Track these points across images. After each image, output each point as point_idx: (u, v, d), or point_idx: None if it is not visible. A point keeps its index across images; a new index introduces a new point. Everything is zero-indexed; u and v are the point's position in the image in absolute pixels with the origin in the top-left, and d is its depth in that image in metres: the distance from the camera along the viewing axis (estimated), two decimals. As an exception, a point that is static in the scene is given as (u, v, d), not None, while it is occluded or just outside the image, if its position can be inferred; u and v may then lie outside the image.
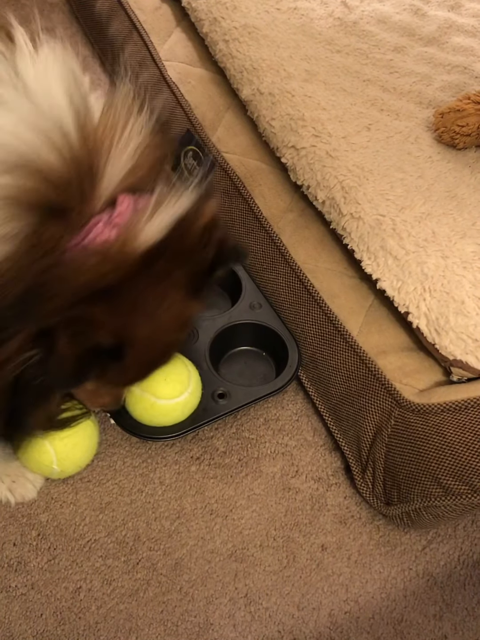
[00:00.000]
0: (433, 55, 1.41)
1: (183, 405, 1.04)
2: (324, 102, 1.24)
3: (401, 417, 0.99)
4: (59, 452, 0.97)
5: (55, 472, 1.00)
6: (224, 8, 1.39)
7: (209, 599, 0.97)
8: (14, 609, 0.94)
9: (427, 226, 1.07)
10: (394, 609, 0.99)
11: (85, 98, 0.70)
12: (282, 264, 1.18)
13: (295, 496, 1.06)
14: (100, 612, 0.95)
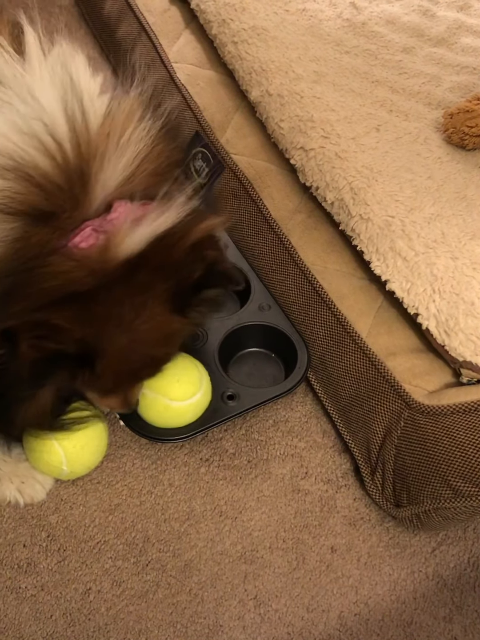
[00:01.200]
0: (442, 56, 1.41)
1: (196, 406, 1.04)
2: (333, 103, 1.24)
3: (411, 419, 0.99)
4: (68, 453, 0.97)
5: (64, 473, 1.00)
6: (232, 10, 1.39)
7: (218, 600, 0.97)
8: (24, 610, 0.94)
9: (436, 227, 1.07)
10: (403, 611, 0.99)
11: (82, 104, 0.69)
12: (291, 265, 1.18)
13: (305, 498, 1.06)
14: (109, 614, 0.95)
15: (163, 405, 1.02)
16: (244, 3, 1.41)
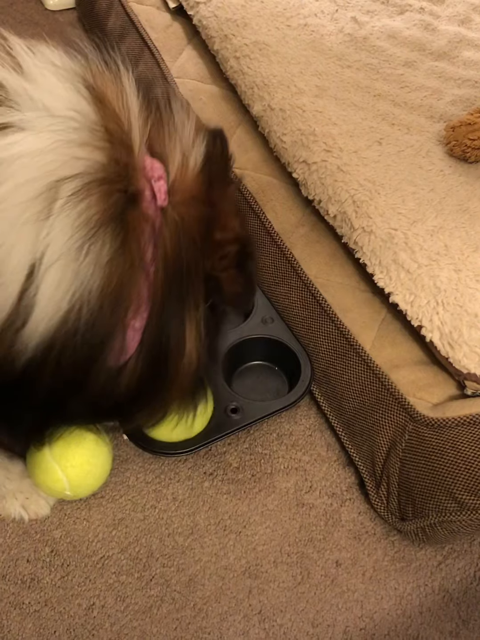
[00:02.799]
0: (444, 70, 1.42)
1: (200, 416, 1.03)
2: (335, 117, 1.24)
3: (415, 432, 0.99)
4: (72, 479, 0.97)
5: (68, 497, 1.01)
6: (234, 25, 1.40)
7: (222, 615, 0.96)
8: (27, 626, 0.93)
9: (439, 239, 1.07)
10: (409, 625, 0.98)
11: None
12: (294, 278, 1.18)
13: (309, 512, 1.06)
14: (113, 629, 0.94)
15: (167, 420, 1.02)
16: (245, 19, 1.42)
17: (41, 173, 0.60)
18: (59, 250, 0.61)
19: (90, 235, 0.62)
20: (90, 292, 0.63)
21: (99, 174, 0.63)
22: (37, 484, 1.00)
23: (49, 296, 0.62)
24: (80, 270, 0.62)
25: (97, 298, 0.64)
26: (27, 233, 0.60)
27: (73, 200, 0.61)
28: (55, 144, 0.61)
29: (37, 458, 0.98)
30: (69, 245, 0.61)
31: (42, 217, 0.60)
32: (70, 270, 0.62)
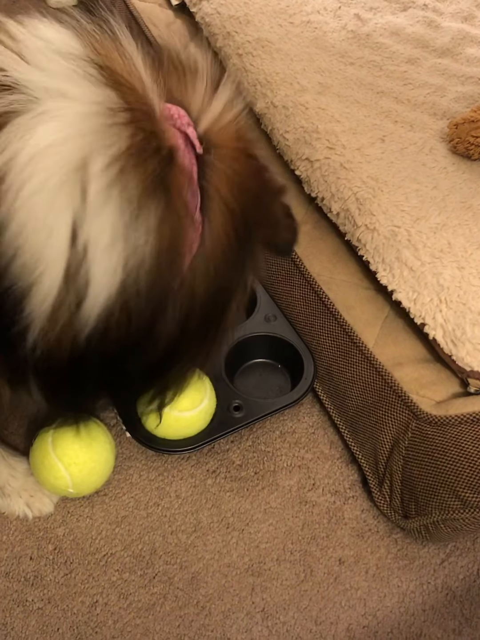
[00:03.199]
0: (447, 67, 1.41)
1: (205, 413, 1.04)
2: (338, 115, 1.24)
3: (418, 429, 0.98)
4: (75, 477, 0.98)
5: (71, 494, 1.01)
6: (237, 22, 1.40)
7: (225, 613, 0.96)
8: (30, 624, 0.94)
9: (442, 237, 1.07)
10: (412, 623, 0.98)
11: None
12: (297, 275, 1.18)
13: (312, 509, 1.06)
14: (116, 627, 0.94)
15: (174, 418, 1.02)
16: (248, 16, 1.42)
17: (73, 159, 0.60)
18: (105, 227, 0.62)
19: (135, 207, 0.62)
20: (144, 257, 0.64)
21: (130, 147, 0.63)
22: (40, 482, 1.00)
23: (103, 271, 0.63)
24: (130, 239, 0.63)
25: (152, 259, 0.64)
26: (66, 216, 0.61)
27: (110, 178, 0.61)
28: (79, 128, 0.61)
29: (40, 456, 0.98)
30: (116, 220, 0.62)
31: (80, 199, 0.61)
32: (120, 242, 0.62)
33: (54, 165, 0.60)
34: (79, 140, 0.61)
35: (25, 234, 0.60)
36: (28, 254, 0.60)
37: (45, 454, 0.97)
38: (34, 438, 1.01)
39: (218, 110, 0.71)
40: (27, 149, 0.59)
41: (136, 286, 0.65)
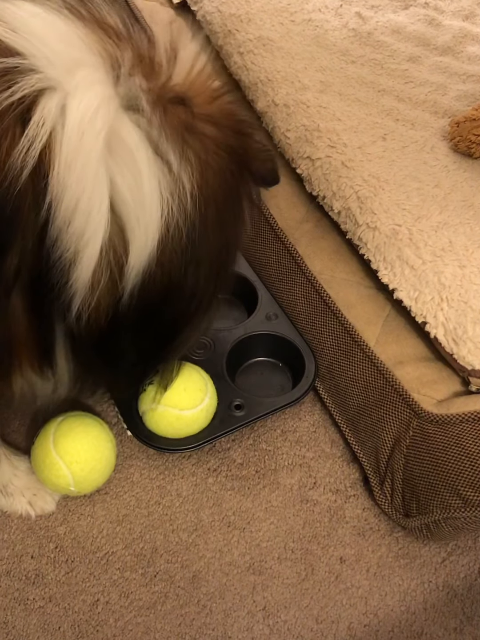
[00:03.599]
0: (448, 65, 1.41)
1: (206, 411, 1.04)
2: (339, 113, 1.24)
3: (419, 428, 0.98)
4: (76, 475, 0.98)
5: (72, 493, 1.01)
6: (238, 20, 1.40)
7: (227, 611, 0.96)
8: (31, 622, 0.94)
9: (443, 235, 1.07)
10: (413, 622, 0.98)
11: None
12: (298, 274, 1.17)
13: (313, 508, 1.06)
14: (118, 625, 0.94)
15: (174, 417, 1.02)
16: (249, 14, 1.42)
17: (106, 125, 0.63)
18: (141, 185, 0.65)
19: (166, 160, 0.66)
20: (179, 210, 0.67)
21: (142, 101, 0.66)
22: (41, 480, 1.00)
23: (143, 230, 0.66)
24: (164, 194, 0.66)
25: (185, 212, 0.68)
26: (106, 180, 0.64)
27: (140, 136, 0.65)
28: (103, 96, 0.64)
29: (41, 454, 0.98)
30: (150, 177, 0.65)
31: (116, 161, 0.64)
32: (156, 198, 0.66)
33: (93, 134, 0.63)
34: (106, 107, 0.64)
35: (76, 201, 0.62)
36: (78, 220, 0.63)
37: (46, 452, 0.97)
38: (36, 437, 1.01)
39: (187, 65, 0.74)
40: (68, 120, 0.62)
41: (171, 240, 0.68)
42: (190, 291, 0.76)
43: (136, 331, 0.75)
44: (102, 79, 0.65)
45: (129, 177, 0.64)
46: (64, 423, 1.00)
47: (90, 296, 0.67)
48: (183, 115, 0.69)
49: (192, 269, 0.73)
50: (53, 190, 0.62)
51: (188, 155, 0.68)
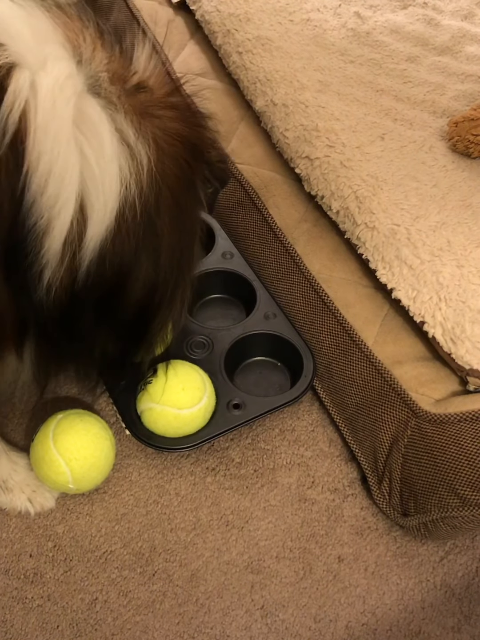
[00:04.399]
0: (447, 65, 1.41)
1: (204, 410, 1.04)
2: (338, 113, 1.24)
3: (417, 427, 0.99)
4: (75, 472, 0.98)
5: (71, 490, 1.01)
6: (237, 20, 1.40)
7: (225, 610, 0.97)
8: (30, 621, 0.94)
9: (442, 235, 1.07)
10: (411, 621, 0.98)
11: None
12: (297, 274, 1.18)
13: (312, 507, 1.06)
14: (116, 624, 0.94)
15: (173, 416, 1.02)
16: (248, 14, 1.42)
17: (74, 96, 0.66)
18: (106, 159, 0.68)
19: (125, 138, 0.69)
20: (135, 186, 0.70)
21: (104, 82, 0.69)
22: (40, 477, 1.00)
23: (102, 202, 0.68)
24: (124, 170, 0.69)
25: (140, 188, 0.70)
26: (76, 150, 0.66)
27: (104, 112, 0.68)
28: (69, 71, 0.67)
29: (41, 451, 0.98)
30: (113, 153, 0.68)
31: (84, 132, 0.66)
32: (116, 172, 0.68)
33: (63, 102, 0.65)
34: (72, 80, 0.67)
35: (50, 166, 0.64)
36: (52, 187, 0.65)
37: (46, 449, 0.97)
38: (35, 434, 1.01)
39: (149, 59, 0.77)
40: (40, 91, 0.64)
41: (126, 217, 0.70)
42: (149, 280, 0.77)
43: (98, 313, 0.77)
44: (66, 57, 0.68)
45: (94, 149, 0.67)
46: (64, 420, 1.00)
47: (59, 268, 0.69)
48: (143, 99, 0.72)
49: (146, 255, 0.75)
50: (30, 156, 0.64)
51: (147, 136, 0.70)
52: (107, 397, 1.12)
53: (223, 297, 1.26)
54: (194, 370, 1.06)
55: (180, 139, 0.74)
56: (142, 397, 1.04)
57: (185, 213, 0.78)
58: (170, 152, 0.73)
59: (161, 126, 0.72)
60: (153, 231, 0.73)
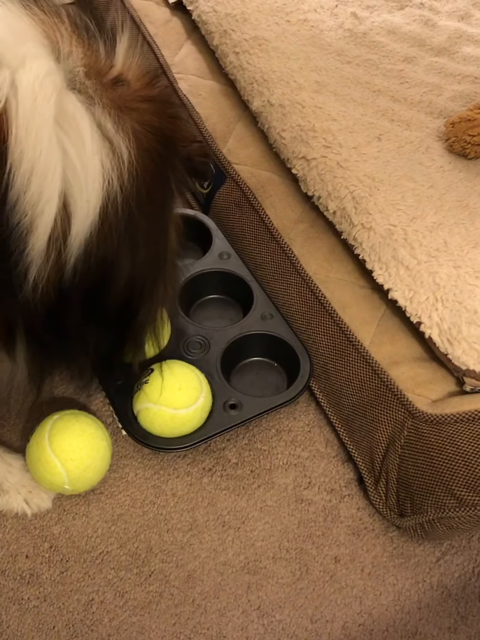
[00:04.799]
0: (444, 66, 1.41)
1: (201, 410, 1.04)
2: (335, 113, 1.24)
3: (414, 428, 0.99)
4: (71, 473, 0.97)
5: (67, 491, 1.01)
6: (234, 20, 1.40)
7: (221, 611, 0.97)
8: (26, 622, 0.94)
9: (438, 236, 1.07)
10: (408, 621, 0.98)
11: None
12: (294, 274, 1.18)
13: (308, 508, 1.06)
14: (112, 625, 0.94)
15: (169, 416, 1.02)
16: (245, 14, 1.41)
17: (54, 93, 0.66)
18: (88, 155, 0.68)
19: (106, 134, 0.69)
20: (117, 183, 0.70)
21: (82, 77, 0.70)
22: (36, 478, 1.00)
23: (85, 199, 0.68)
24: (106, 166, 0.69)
25: (122, 184, 0.71)
26: (58, 147, 0.66)
27: (84, 107, 0.68)
28: (48, 69, 0.67)
29: (36, 452, 0.98)
30: (95, 150, 0.68)
31: (64, 129, 0.66)
32: (98, 167, 0.69)
33: (44, 99, 0.65)
34: (52, 77, 0.67)
35: (33, 164, 0.64)
36: (35, 185, 0.65)
37: (42, 449, 0.97)
38: (31, 434, 1.01)
39: (126, 54, 0.78)
40: (20, 89, 0.64)
41: (108, 212, 0.70)
42: (130, 274, 0.77)
43: (84, 310, 0.77)
44: (44, 55, 0.68)
45: (75, 146, 0.67)
46: (60, 421, 1.00)
47: (44, 266, 0.69)
48: (121, 92, 0.73)
49: (126, 248, 0.75)
50: (12, 155, 0.64)
51: (126, 130, 0.70)
52: (103, 397, 1.12)
53: (220, 297, 1.26)
54: (191, 371, 1.06)
55: (154, 131, 0.74)
56: (139, 397, 1.04)
57: (159, 207, 0.79)
58: (145, 144, 0.73)
59: (139, 119, 0.73)
60: (133, 225, 0.74)
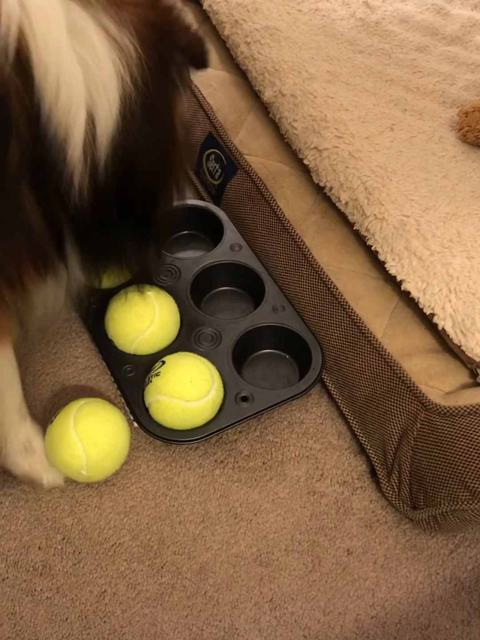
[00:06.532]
0: (456, 54, 1.40)
1: (212, 403, 1.04)
2: (347, 103, 1.23)
3: (427, 420, 0.98)
4: (91, 458, 0.97)
5: (82, 477, 1.00)
6: (245, 10, 1.39)
7: (234, 603, 0.97)
8: (39, 613, 0.94)
9: (452, 226, 1.06)
10: (420, 614, 0.98)
11: None
12: (305, 266, 1.17)
13: (320, 500, 1.06)
14: (125, 616, 0.95)
15: (180, 408, 1.02)
16: (256, 3, 1.41)
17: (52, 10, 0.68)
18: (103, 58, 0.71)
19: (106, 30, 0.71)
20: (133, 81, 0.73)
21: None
22: (53, 459, 0.99)
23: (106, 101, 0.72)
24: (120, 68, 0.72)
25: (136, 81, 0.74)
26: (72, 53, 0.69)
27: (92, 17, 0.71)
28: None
29: (59, 432, 0.98)
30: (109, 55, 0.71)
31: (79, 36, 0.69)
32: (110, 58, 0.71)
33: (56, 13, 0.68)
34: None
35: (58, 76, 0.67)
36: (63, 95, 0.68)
37: (65, 430, 0.97)
38: (54, 415, 1.00)
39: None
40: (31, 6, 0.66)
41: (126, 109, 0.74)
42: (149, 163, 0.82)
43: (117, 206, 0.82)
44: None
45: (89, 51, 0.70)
46: (87, 406, 1.00)
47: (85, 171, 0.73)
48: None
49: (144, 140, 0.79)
50: (37, 71, 0.66)
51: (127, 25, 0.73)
52: (115, 389, 1.12)
53: (231, 289, 1.25)
54: (202, 363, 1.06)
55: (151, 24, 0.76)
56: (150, 389, 1.04)
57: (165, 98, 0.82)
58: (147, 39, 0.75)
59: (136, 14, 0.75)
60: (147, 118, 0.77)
